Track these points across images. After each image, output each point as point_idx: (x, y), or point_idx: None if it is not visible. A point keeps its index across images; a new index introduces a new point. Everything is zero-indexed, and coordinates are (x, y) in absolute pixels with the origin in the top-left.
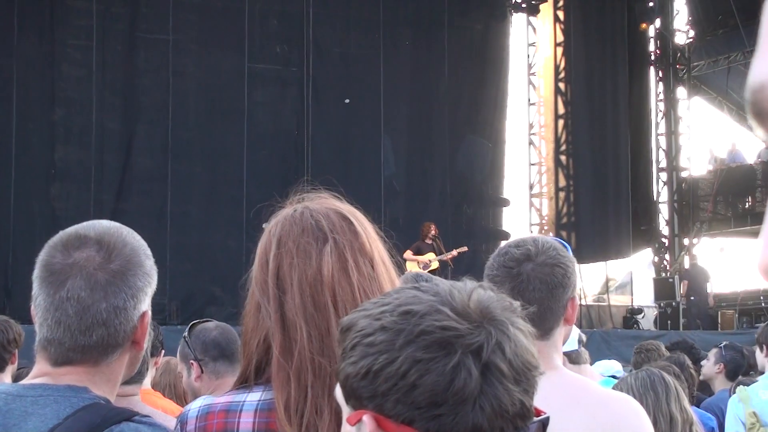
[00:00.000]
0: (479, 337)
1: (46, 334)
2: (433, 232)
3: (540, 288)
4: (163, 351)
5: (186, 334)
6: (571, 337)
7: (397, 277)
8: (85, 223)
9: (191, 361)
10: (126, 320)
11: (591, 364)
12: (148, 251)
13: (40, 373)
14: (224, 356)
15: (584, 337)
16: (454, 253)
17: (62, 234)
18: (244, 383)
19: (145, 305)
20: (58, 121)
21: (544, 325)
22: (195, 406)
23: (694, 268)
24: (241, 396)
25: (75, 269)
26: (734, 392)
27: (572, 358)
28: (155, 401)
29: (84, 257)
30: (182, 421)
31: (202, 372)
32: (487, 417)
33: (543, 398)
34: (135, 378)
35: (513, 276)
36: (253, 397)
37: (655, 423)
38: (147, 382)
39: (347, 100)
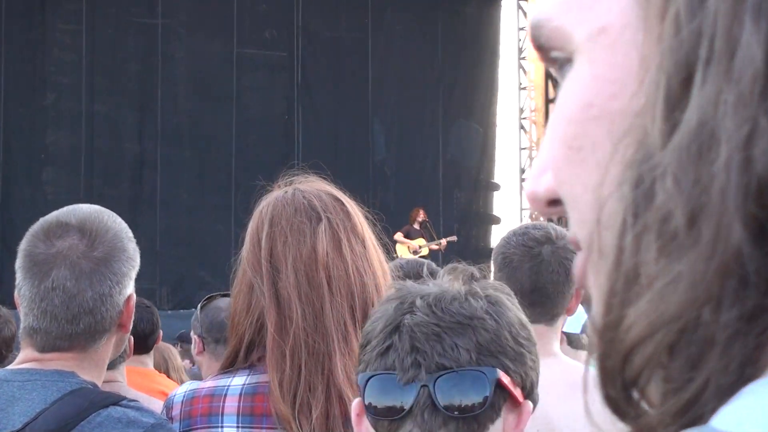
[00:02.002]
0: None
1: (32, 324)
2: (421, 217)
3: (558, 270)
4: (161, 332)
5: (200, 306)
6: (576, 319)
7: (386, 259)
8: (65, 209)
9: (195, 336)
10: (112, 306)
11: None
12: (130, 234)
13: (27, 359)
14: (226, 340)
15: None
16: (443, 242)
17: (43, 222)
18: (232, 362)
19: (130, 289)
20: (49, 106)
21: (553, 309)
22: (181, 391)
23: None
24: (226, 380)
25: (59, 259)
26: None
27: (572, 341)
28: (166, 382)
29: (67, 246)
30: (168, 406)
31: (203, 349)
32: None
33: (541, 385)
34: (116, 360)
35: (533, 256)
36: (238, 381)
37: None
38: (150, 363)
39: None
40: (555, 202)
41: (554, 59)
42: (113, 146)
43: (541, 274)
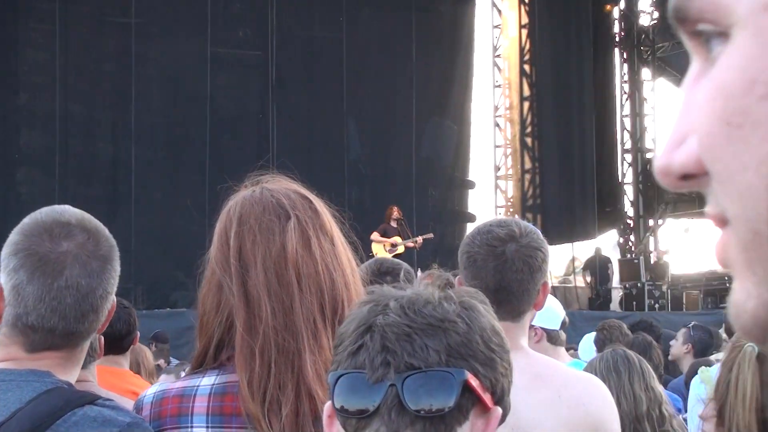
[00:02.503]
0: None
1: (33, 322)
2: (395, 214)
3: (522, 269)
4: (138, 333)
5: None
6: (555, 316)
7: (354, 257)
8: (50, 210)
9: None
10: (108, 304)
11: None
12: None
13: (8, 357)
14: None
15: (567, 320)
16: (419, 239)
17: (37, 221)
18: (201, 362)
19: None
20: (22, 106)
21: (519, 307)
22: (150, 392)
23: (597, 258)
24: (196, 381)
25: (69, 257)
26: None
27: (551, 337)
28: (140, 383)
29: (75, 245)
30: (138, 407)
31: None
32: None
33: None
34: (87, 359)
35: (497, 255)
36: (207, 381)
37: (618, 404)
38: (126, 364)
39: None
40: (688, 176)
41: (699, 33)
42: (87, 146)
43: (506, 273)
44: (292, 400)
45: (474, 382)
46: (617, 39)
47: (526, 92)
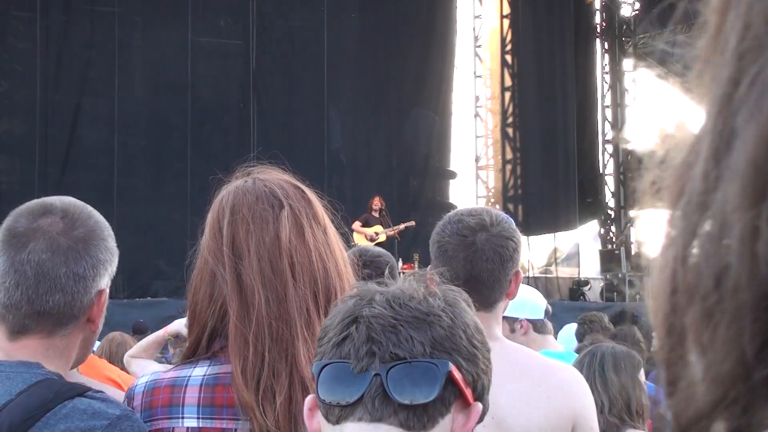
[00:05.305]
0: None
1: (3, 300)
2: (377, 204)
3: (493, 259)
4: None
5: None
6: (537, 306)
7: (346, 247)
8: (54, 197)
9: None
10: (84, 290)
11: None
12: (112, 233)
13: None
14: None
15: (550, 309)
16: (401, 227)
17: (28, 204)
18: (194, 351)
19: (104, 283)
20: (2, 94)
21: (491, 296)
22: (142, 381)
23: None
24: (187, 371)
25: (38, 233)
26: None
27: (537, 327)
28: (110, 367)
29: (48, 222)
30: (129, 397)
31: None
32: None
33: None
34: None
35: (467, 245)
36: (199, 371)
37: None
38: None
39: None
40: None
41: None
42: (68, 134)
43: (476, 262)
44: (286, 389)
45: (457, 375)
46: (598, 29)
47: (508, 82)
